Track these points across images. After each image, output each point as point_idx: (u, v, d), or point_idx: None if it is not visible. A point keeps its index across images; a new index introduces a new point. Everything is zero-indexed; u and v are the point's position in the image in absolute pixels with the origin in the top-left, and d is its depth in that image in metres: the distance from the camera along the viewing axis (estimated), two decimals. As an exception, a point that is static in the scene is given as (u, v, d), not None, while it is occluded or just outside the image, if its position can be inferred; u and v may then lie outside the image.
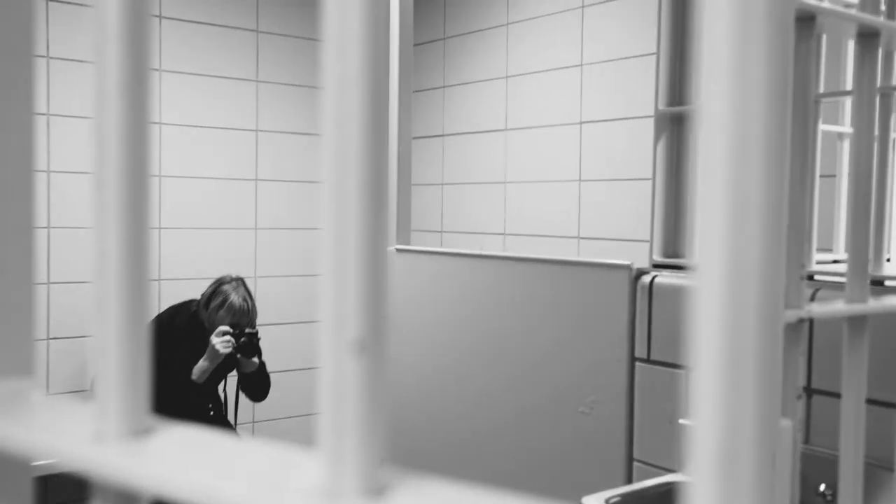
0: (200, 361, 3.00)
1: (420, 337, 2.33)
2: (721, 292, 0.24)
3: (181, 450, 0.33)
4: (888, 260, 1.81)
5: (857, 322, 0.92)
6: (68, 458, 0.34)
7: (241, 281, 3.14)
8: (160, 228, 3.59)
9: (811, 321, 1.56)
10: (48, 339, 3.33)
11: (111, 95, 0.34)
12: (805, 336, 1.44)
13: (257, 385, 3.23)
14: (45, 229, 3.31)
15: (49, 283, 3.32)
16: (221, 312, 3.02)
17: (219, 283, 3.11)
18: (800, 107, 0.93)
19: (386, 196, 0.27)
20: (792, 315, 0.84)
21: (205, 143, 3.72)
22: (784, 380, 0.85)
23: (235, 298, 3.05)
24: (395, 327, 2.42)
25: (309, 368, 3.93)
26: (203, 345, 3.02)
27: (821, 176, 1.89)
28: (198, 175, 3.71)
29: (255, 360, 3.09)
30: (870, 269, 1.31)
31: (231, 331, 2.97)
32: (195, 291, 3.53)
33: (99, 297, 0.35)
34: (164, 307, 3.45)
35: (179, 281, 3.64)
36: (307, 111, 3.99)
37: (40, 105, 3.28)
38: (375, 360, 0.28)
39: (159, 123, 3.58)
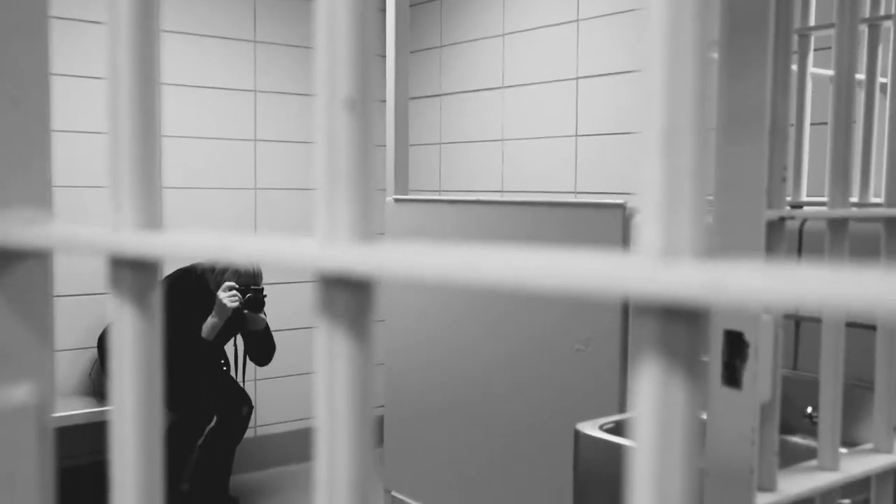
0: (209, 318, 3.06)
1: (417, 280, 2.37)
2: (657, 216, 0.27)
3: (194, 233, 0.37)
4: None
5: (837, 225, 0.95)
6: (88, 244, 0.37)
7: None
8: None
9: (800, 249, 1.60)
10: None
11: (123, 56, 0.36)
12: (789, 236, 1.47)
13: (262, 348, 3.28)
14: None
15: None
16: (228, 274, 3.07)
17: None
18: (782, 36, 0.95)
19: (372, -41, 0.30)
20: (773, 214, 0.87)
21: (203, 103, 3.73)
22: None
23: None
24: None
25: (309, 328, 3.97)
26: (210, 306, 3.06)
27: (812, 124, 1.91)
28: (197, 135, 3.72)
29: (263, 315, 3.13)
30: (855, 197, 1.33)
31: (237, 286, 3.02)
32: (196, 251, 3.57)
33: (112, 105, 0.38)
34: (166, 268, 3.48)
35: (180, 241, 3.66)
36: (305, 71, 4.00)
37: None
38: (364, 115, 0.31)
39: (157, 84, 3.59)
